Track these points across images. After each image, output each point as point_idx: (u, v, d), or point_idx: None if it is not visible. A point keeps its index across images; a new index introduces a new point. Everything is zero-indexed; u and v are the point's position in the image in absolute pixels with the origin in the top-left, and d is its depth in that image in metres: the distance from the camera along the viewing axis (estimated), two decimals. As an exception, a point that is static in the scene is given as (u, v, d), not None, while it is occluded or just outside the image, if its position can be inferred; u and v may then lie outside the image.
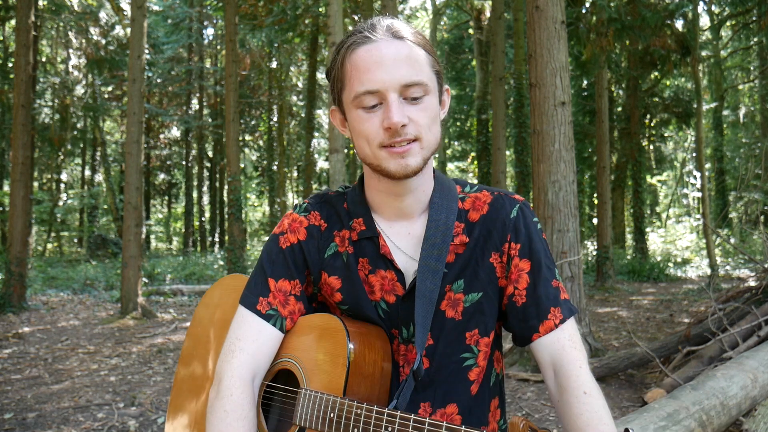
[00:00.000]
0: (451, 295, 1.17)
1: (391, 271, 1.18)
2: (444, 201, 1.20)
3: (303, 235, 1.23)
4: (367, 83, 1.06)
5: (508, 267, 1.19)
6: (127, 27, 13.05)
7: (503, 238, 1.19)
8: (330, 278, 1.22)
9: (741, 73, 23.08)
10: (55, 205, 22.55)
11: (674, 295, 11.09)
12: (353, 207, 1.23)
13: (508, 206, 1.20)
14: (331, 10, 7.55)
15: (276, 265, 1.22)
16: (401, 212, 1.20)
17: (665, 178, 30.45)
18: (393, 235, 1.21)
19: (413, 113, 1.08)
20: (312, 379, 1.13)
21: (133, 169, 8.82)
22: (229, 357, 1.16)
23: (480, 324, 1.18)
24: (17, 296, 9.44)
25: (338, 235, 1.23)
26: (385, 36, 1.09)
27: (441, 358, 1.17)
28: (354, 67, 1.09)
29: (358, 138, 1.12)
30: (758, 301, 5.02)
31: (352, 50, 1.10)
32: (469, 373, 1.19)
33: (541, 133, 5.52)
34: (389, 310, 1.18)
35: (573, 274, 5.46)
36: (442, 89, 1.17)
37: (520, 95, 14.69)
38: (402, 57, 1.07)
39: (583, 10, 10.58)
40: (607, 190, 13.25)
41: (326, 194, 1.29)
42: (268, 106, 24.38)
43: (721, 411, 3.07)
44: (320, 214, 1.25)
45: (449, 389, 1.18)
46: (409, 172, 1.10)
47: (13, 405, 4.56)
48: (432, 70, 1.12)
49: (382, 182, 1.16)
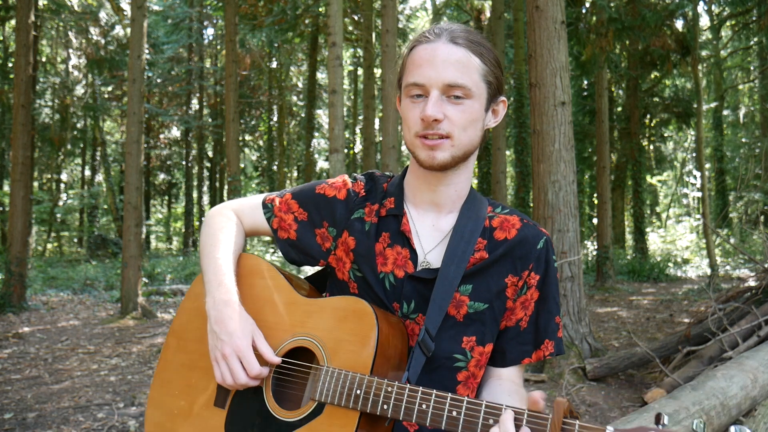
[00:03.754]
0: (456, 296, 1.23)
1: (406, 249, 1.27)
2: (474, 210, 1.29)
3: (342, 195, 1.35)
4: (417, 77, 1.19)
5: (521, 292, 1.27)
6: (127, 27, 13.04)
7: (525, 265, 1.26)
8: (349, 238, 1.31)
9: (741, 73, 23.07)
10: (55, 205, 22.54)
11: (674, 295, 11.09)
12: (391, 188, 1.35)
13: (537, 237, 1.29)
14: (331, 10, 7.54)
15: (300, 193, 1.39)
16: (433, 203, 1.29)
17: (665, 178, 30.44)
18: (418, 223, 1.30)
19: (451, 112, 1.18)
20: (335, 358, 1.16)
21: (133, 169, 8.81)
22: (233, 209, 1.42)
23: (478, 333, 1.25)
24: (17, 296, 9.43)
25: (369, 206, 1.33)
26: (444, 40, 1.20)
27: (435, 350, 1.21)
28: (411, 61, 1.22)
29: (404, 124, 1.24)
30: (758, 301, 5.02)
31: (415, 47, 1.23)
32: (458, 374, 1.25)
33: (541, 133, 5.52)
34: (395, 283, 1.25)
35: (573, 274, 5.46)
36: (494, 99, 1.26)
37: (520, 95, 14.68)
38: (452, 60, 1.17)
39: (583, 10, 10.58)
40: (607, 190, 13.25)
41: (375, 173, 1.41)
42: (268, 106, 24.39)
43: (721, 411, 3.07)
44: (364, 185, 1.37)
45: (435, 381, 1.22)
46: (435, 164, 1.20)
47: (13, 405, 4.56)
48: (482, 79, 1.21)
49: (421, 170, 1.27)
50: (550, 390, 4.77)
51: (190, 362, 1.35)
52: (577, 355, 5.19)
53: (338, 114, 7.26)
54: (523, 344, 1.27)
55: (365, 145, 13.61)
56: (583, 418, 4.19)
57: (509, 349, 1.27)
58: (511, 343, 1.27)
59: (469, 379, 1.26)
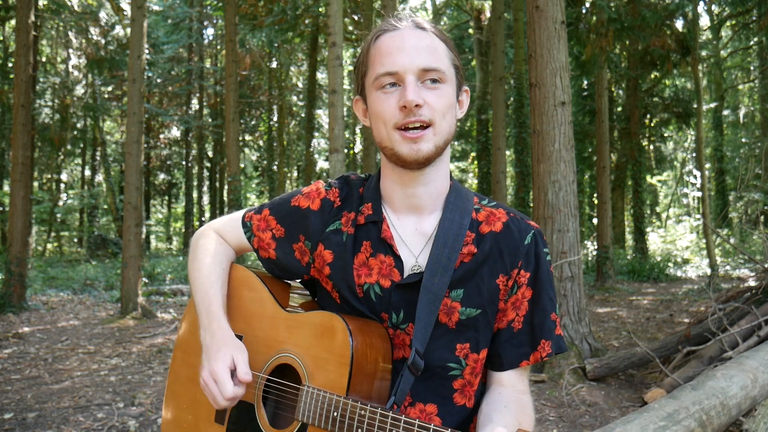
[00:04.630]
0: (447, 302, 1.17)
1: (390, 257, 1.20)
2: (459, 203, 1.22)
3: (316, 205, 1.28)
4: (388, 65, 1.12)
5: (512, 292, 1.20)
6: (127, 27, 13.04)
7: (514, 263, 1.19)
8: (325, 251, 1.25)
9: (741, 73, 23.07)
10: (55, 205, 22.52)
11: (674, 295, 11.09)
12: (367, 193, 1.27)
13: (523, 231, 1.21)
14: (331, 10, 7.54)
15: (277, 206, 1.33)
16: (412, 205, 1.22)
17: (665, 178, 30.44)
18: (400, 227, 1.23)
19: (429, 97, 1.12)
20: (314, 376, 1.14)
21: (133, 169, 8.81)
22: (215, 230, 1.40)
23: (472, 340, 1.19)
24: (17, 296, 9.43)
25: (346, 215, 1.26)
26: (409, 26, 1.16)
27: (427, 358, 1.17)
28: (377, 51, 1.15)
29: (376, 120, 1.16)
30: (758, 301, 5.02)
31: (379, 36, 1.17)
32: (454, 382, 1.20)
33: (541, 133, 5.52)
34: (382, 294, 1.19)
35: (573, 274, 5.46)
36: (461, 87, 1.21)
37: (520, 95, 14.68)
38: (423, 45, 1.13)
39: (583, 10, 10.58)
40: (607, 190, 13.25)
41: (350, 177, 1.34)
42: (268, 106, 24.38)
43: (721, 411, 3.07)
44: (339, 192, 1.30)
45: (431, 389, 1.19)
46: (421, 157, 1.13)
47: (13, 405, 4.56)
48: (451, 64, 1.17)
49: (396, 171, 1.19)
50: (550, 390, 4.77)
51: (194, 376, 1.37)
52: (577, 355, 5.20)
53: (338, 114, 7.26)
54: (519, 347, 1.20)
55: (365, 145, 13.59)
56: (584, 418, 4.19)
57: (504, 353, 1.20)
58: (505, 346, 1.20)
59: (465, 387, 1.21)
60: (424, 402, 1.19)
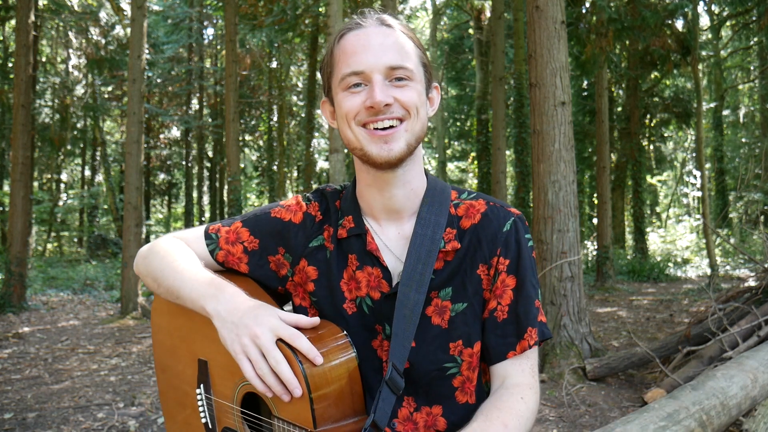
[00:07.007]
0: (438, 302, 1.16)
1: (377, 268, 1.18)
2: (435, 206, 1.18)
3: (298, 218, 1.25)
4: (354, 65, 1.09)
5: (493, 281, 1.18)
6: (127, 27, 13.03)
7: (493, 251, 1.17)
8: (309, 267, 1.22)
9: (741, 73, 23.06)
10: (55, 205, 22.52)
11: (674, 295, 11.09)
12: (345, 205, 1.24)
13: (502, 219, 1.19)
14: (331, 10, 7.54)
15: (252, 219, 1.27)
16: (391, 210, 1.19)
17: (665, 178, 30.43)
18: (382, 235, 1.20)
19: (398, 93, 1.09)
20: (280, 407, 1.07)
21: (133, 169, 8.82)
22: (178, 237, 1.31)
23: (464, 335, 1.17)
24: (17, 296, 9.43)
25: (327, 230, 1.24)
26: (374, 23, 1.12)
27: (424, 363, 1.15)
28: (342, 51, 1.11)
29: (342, 122, 1.13)
30: (758, 301, 5.02)
31: (344, 35, 1.13)
32: (453, 380, 1.18)
33: (541, 133, 5.51)
34: (374, 306, 1.17)
35: (573, 274, 5.46)
36: (430, 85, 1.18)
37: (520, 95, 14.68)
38: (389, 42, 1.10)
39: (583, 10, 10.58)
40: (607, 190, 13.25)
41: (325, 189, 1.30)
42: (268, 106, 24.37)
43: (721, 411, 3.06)
44: (319, 206, 1.27)
45: (433, 391, 1.17)
46: (393, 157, 1.10)
47: (13, 405, 4.56)
48: (419, 61, 1.14)
49: (370, 174, 1.16)
50: (550, 390, 4.77)
51: (180, 399, 1.34)
52: (577, 355, 5.20)
53: (338, 114, 7.24)
54: (505, 336, 1.17)
55: (365, 145, 13.61)
56: (584, 418, 4.19)
57: (491, 344, 1.17)
58: (490, 336, 1.17)
59: (465, 383, 1.19)
60: (429, 405, 1.18)
